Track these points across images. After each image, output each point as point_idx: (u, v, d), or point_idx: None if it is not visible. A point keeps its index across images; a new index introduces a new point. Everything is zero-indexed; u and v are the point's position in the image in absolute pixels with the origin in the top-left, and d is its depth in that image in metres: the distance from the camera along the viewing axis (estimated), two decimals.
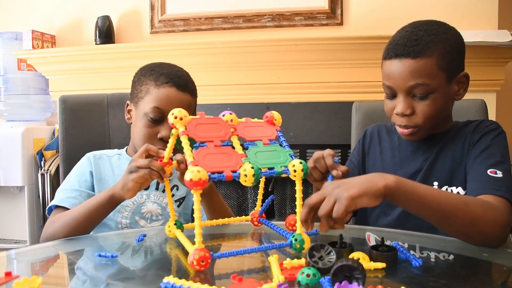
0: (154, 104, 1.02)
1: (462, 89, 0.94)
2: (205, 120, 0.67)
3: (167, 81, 1.03)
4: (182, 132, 0.63)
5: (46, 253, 0.79)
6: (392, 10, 2.02)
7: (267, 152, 0.67)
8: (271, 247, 0.66)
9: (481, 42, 1.77)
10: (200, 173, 0.56)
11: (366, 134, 1.10)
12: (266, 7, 2.14)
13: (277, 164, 0.65)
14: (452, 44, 0.90)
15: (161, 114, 1.01)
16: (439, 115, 0.91)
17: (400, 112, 0.90)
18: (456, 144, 0.95)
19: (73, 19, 2.33)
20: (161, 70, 1.06)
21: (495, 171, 0.83)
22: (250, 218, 0.86)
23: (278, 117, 0.74)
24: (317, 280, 0.52)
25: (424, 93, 0.88)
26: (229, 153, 0.63)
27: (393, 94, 0.92)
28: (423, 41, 0.88)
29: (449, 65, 0.89)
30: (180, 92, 1.04)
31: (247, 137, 0.69)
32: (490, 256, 0.72)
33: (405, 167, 0.99)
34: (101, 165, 1.08)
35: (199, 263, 0.57)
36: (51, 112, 2.41)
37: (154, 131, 1.02)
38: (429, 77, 0.87)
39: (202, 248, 0.59)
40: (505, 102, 2.09)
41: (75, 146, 1.26)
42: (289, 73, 2.02)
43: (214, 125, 0.67)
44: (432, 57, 0.87)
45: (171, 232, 0.77)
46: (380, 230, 0.80)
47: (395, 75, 0.90)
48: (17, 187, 2.16)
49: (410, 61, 0.87)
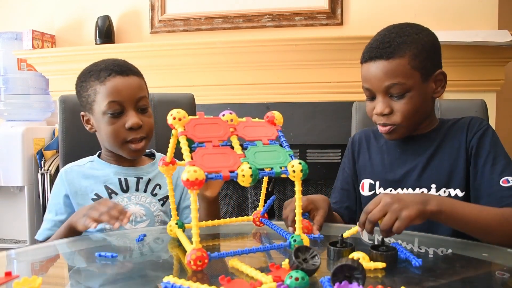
0: (108, 99, 1.00)
1: (440, 87, 0.97)
2: (204, 120, 0.67)
3: (109, 73, 1.01)
4: (180, 133, 0.63)
5: (46, 253, 0.79)
6: (392, 10, 2.02)
7: (266, 152, 0.66)
8: (269, 248, 0.66)
9: (481, 42, 1.77)
10: (196, 173, 0.56)
11: (354, 141, 1.12)
12: (266, 7, 2.14)
13: (276, 165, 0.64)
14: (424, 44, 0.93)
15: (119, 106, 1.00)
16: (418, 113, 0.94)
17: (379, 112, 0.94)
18: (451, 145, 0.96)
19: (73, 19, 2.33)
20: (98, 67, 1.04)
21: (507, 180, 0.87)
22: (252, 218, 0.85)
23: (279, 117, 0.74)
24: (306, 284, 0.51)
25: (400, 92, 0.91)
26: (228, 153, 0.63)
27: (372, 96, 0.96)
28: (395, 42, 0.91)
29: (422, 64, 0.91)
30: (126, 77, 1.02)
31: (247, 137, 0.68)
32: (490, 256, 0.72)
33: (395, 169, 1.00)
34: (74, 178, 1.05)
35: (196, 263, 0.57)
36: (51, 112, 2.41)
37: (119, 125, 1.01)
38: (404, 76, 0.90)
39: (199, 248, 0.58)
40: (505, 102, 2.09)
41: (75, 146, 1.26)
42: (289, 73, 2.02)
43: (213, 125, 0.67)
44: (404, 57, 0.90)
45: (172, 231, 0.77)
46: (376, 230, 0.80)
47: (371, 77, 0.93)
48: (17, 187, 2.16)
49: (383, 62, 0.91)
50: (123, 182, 1.06)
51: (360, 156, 1.08)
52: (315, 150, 2.01)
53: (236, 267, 0.60)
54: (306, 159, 2.01)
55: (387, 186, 1.00)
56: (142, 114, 1.04)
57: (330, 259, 0.65)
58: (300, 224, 0.67)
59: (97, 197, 1.03)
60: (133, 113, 1.01)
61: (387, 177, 1.01)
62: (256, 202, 2.11)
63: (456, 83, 1.92)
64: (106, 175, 1.06)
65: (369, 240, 0.79)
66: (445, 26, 1.96)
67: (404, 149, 1.01)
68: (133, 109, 1.02)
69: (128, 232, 0.92)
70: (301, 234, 0.67)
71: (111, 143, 1.03)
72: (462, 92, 1.93)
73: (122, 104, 1.00)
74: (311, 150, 2.02)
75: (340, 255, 0.64)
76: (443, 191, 0.94)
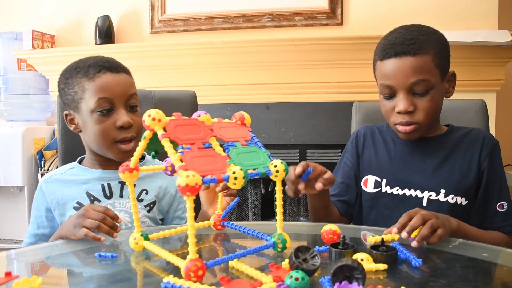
0: (98, 96, 0.95)
1: (451, 87, 0.99)
2: (183, 122, 0.63)
3: (98, 70, 0.96)
4: (163, 135, 0.59)
5: (46, 253, 0.79)
6: (392, 10, 2.02)
7: (247, 153, 0.65)
8: (257, 250, 0.64)
9: (481, 42, 1.77)
10: (195, 178, 0.51)
11: (358, 136, 1.10)
12: (266, 7, 2.14)
13: (260, 165, 0.63)
14: (442, 43, 0.95)
15: (110, 103, 0.96)
16: (437, 112, 0.96)
17: (403, 109, 0.92)
18: (464, 155, 0.98)
19: (73, 19, 2.33)
20: (86, 64, 0.99)
21: (502, 205, 0.93)
22: (213, 223, 0.83)
23: (248, 117, 0.72)
24: (306, 284, 0.51)
25: (424, 89, 0.91)
26: (214, 155, 0.60)
27: (391, 94, 0.94)
28: (419, 39, 0.91)
29: (443, 63, 0.94)
30: (116, 74, 0.98)
31: (226, 138, 0.66)
32: (490, 256, 0.72)
33: (403, 169, 1.00)
34: (54, 188, 1.00)
35: (196, 274, 0.53)
36: (51, 112, 2.41)
37: (110, 123, 0.96)
38: (429, 73, 0.91)
39: (196, 258, 0.54)
40: (505, 102, 2.09)
41: (74, 145, 1.23)
42: (289, 73, 2.02)
43: (193, 126, 0.63)
44: (429, 54, 0.91)
45: (138, 244, 0.70)
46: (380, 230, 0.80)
47: (396, 73, 0.91)
48: (17, 187, 2.16)
49: (410, 58, 0.90)
50: (106, 188, 1.00)
51: (365, 151, 1.07)
52: (315, 150, 2.01)
53: (236, 267, 0.60)
54: (306, 159, 2.01)
55: (394, 185, 1.00)
56: (132, 112, 0.99)
57: (332, 261, 0.65)
58: (281, 223, 0.67)
59: (79, 205, 0.97)
60: (123, 112, 0.97)
61: (394, 176, 1.00)
62: (256, 202, 2.11)
63: (456, 83, 1.92)
64: (88, 181, 1.01)
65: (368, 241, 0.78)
66: (445, 26, 1.96)
67: (413, 149, 1.01)
68: (123, 107, 0.97)
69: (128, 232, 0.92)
70: (283, 233, 0.67)
71: (99, 143, 0.98)
72: (462, 92, 1.92)
73: (112, 102, 0.96)
74: (311, 150, 2.02)
75: (342, 256, 0.64)
76: (451, 197, 0.95)
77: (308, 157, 2.01)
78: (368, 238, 0.75)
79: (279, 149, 2.01)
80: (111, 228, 0.79)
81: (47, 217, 1.01)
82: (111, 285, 0.60)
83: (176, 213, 1.09)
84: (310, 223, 1.00)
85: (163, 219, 1.09)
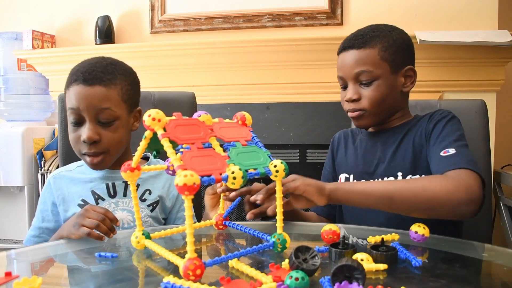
0: (68, 105, 0.96)
1: (409, 82, 1.03)
2: (183, 122, 0.63)
3: (74, 79, 0.96)
4: (162, 135, 0.59)
5: (46, 253, 0.79)
6: (392, 10, 2.02)
7: (247, 153, 0.65)
8: (256, 249, 0.64)
9: (481, 42, 1.77)
10: (193, 177, 0.51)
11: (333, 140, 1.18)
12: (266, 7, 2.14)
13: (259, 165, 0.63)
14: (395, 39, 1.00)
15: (77, 115, 0.95)
16: (385, 102, 1.00)
17: (349, 98, 1.01)
18: (414, 134, 1.00)
19: (73, 19, 2.33)
20: (75, 69, 0.99)
21: (447, 150, 0.89)
22: (215, 222, 0.83)
23: (249, 117, 0.73)
24: (306, 284, 0.51)
25: (368, 79, 0.98)
26: (213, 155, 0.61)
27: (345, 85, 1.04)
28: (367, 35, 1.00)
29: (392, 57, 0.99)
30: (88, 87, 0.94)
31: (226, 138, 0.66)
32: (490, 256, 0.72)
33: (367, 162, 1.04)
34: (62, 185, 1.03)
35: (194, 273, 0.53)
36: (51, 112, 2.41)
37: (77, 135, 0.97)
38: (372, 65, 0.98)
39: (195, 257, 0.54)
40: (505, 102, 2.09)
41: None
42: (289, 73, 2.02)
43: (193, 126, 0.64)
44: (374, 48, 0.99)
45: (140, 243, 0.71)
46: (380, 230, 0.80)
47: (343, 65, 1.02)
48: (17, 187, 2.16)
49: (355, 52, 1.00)
50: (111, 187, 1.02)
51: (338, 153, 1.14)
52: (315, 150, 2.01)
53: (236, 267, 0.60)
54: (306, 159, 2.01)
55: (359, 178, 1.04)
56: (104, 127, 0.96)
57: (332, 261, 0.65)
58: (281, 223, 0.67)
59: (83, 203, 1.00)
60: (89, 126, 0.94)
61: (359, 170, 1.05)
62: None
63: (456, 83, 1.92)
64: (93, 180, 1.03)
65: None
66: (445, 26, 1.96)
67: (374, 142, 1.06)
68: (91, 121, 0.95)
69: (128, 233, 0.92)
70: (283, 233, 0.67)
71: (74, 151, 1.00)
72: (462, 92, 1.93)
73: (80, 114, 0.95)
74: (311, 150, 2.02)
75: (342, 256, 0.64)
76: (409, 177, 0.97)
77: (308, 157, 2.01)
78: (368, 238, 0.75)
79: (279, 149, 2.01)
80: (109, 229, 0.80)
81: (53, 211, 1.03)
82: (111, 285, 0.60)
83: (179, 214, 1.10)
84: (310, 223, 1.00)
85: (166, 219, 1.10)
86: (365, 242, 0.75)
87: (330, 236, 0.71)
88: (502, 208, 1.75)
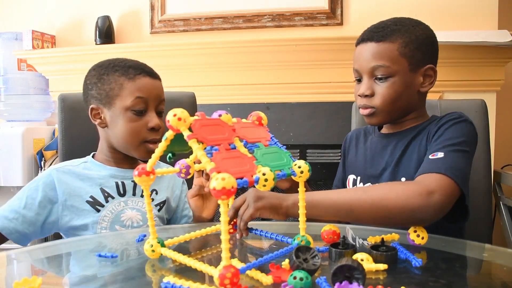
0: (136, 95, 1.00)
1: (428, 83, 0.97)
2: (207, 122, 0.60)
3: (139, 72, 1.02)
4: (190, 136, 0.55)
5: (46, 253, 0.79)
6: (392, 10, 2.02)
7: (271, 154, 0.63)
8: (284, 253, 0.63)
9: (481, 42, 1.77)
10: (231, 180, 0.48)
11: (346, 139, 1.15)
12: (266, 7, 2.14)
13: (284, 166, 0.61)
14: (418, 35, 0.95)
15: (145, 104, 1.01)
16: (399, 101, 0.95)
17: (361, 92, 0.97)
18: (422, 138, 0.96)
19: (73, 19, 2.33)
20: (125, 64, 1.04)
21: (435, 154, 0.85)
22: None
23: (265, 117, 0.71)
24: (309, 284, 0.51)
25: (384, 74, 0.93)
26: (241, 156, 0.58)
27: (359, 77, 0.99)
28: (388, 28, 0.95)
29: (412, 54, 0.93)
30: (154, 80, 1.05)
31: (249, 138, 0.64)
32: (490, 256, 0.72)
33: (375, 164, 1.01)
34: (67, 179, 1.00)
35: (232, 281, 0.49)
36: (51, 112, 2.41)
37: (142, 123, 1.00)
38: (390, 60, 0.93)
39: (230, 264, 0.50)
40: (505, 102, 2.09)
41: (75, 145, 1.24)
42: (289, 73, 2.02)
43: (217, 127, 0.61)
44: (394, 42, 0.93)
45: (155, 252, 0.65)
46: (380, 230, 0.80)
47: (360, 57, 0.97)
48: (17, 187, 2.16)
49: (373, 44, 0.95)
50: (120, 185, 1.04)
51: (349, 153, 1.11)
52: (315, 150, 2.01)
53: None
54: (306, 159, 2.01)
55: (366, 181, 1.01)
56: (159, 117, 1.04)
57: (332, 261, 0.65)
58: (304, 225, 0.66)
59: (92, 199, 1.00)
60: (154, 115, 1.02)
61: (367, 172, 1.02)
62: None
63: (456, 83, 1.92)
64: (102, 178, 1.03)
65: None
66: (445, 26, 1.96)
67: (385, 144, 1.02)
68: (154, 111, 1.03)
69: (128, 233, 0.92)
70: (306, 234, 0.66)
71: (128, 141, 1.01)
72: (462, 92, 1.93)
73: (147, 103, 1.01)
74: (311, 150, 2.02)
75: (342, 256, 0.64)
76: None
77: (308, 157, 2.01)
78: (368, 238, 0.75)
79: None
80: None
81: (41, 203, 0.98)
82: (111, 285, 0.60)
83: (184, 212, 1.13)
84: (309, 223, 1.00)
85: (170, 218, 1.12)
86: (365, 243, 0.75)
87: (331, 236, 0.71)
88: (502, 208, 1.75)
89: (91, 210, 0.99)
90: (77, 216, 0.99)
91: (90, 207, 0.99)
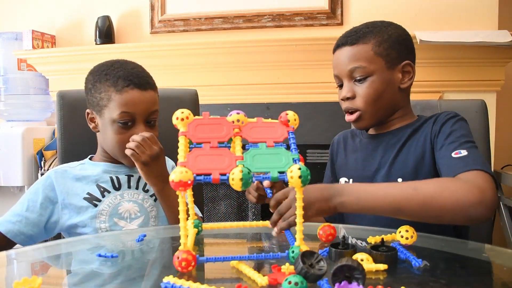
0: (121, 109, 0.99)
1: (407, 78, 0.98)
2: (207, 121, 0.64)
3: (127, 84, 1.00)
4: (181, 133, 0.61)
5: (46, 253, 0.79)
6: (392, 10, 2.02)
7: (267, 155, 0.62)
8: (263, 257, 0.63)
9: (481, 42, 1.77)
10: (187, 174, 0.54)
11: (333, 143, 1.15)
12: (266, 7, 2.14)
13: (274, 169, 0.60)
14: (390, 34, 0.97)
15: (131, 117, 1.01)
16: (381, 99, 0.96)
17: (343, 96, 0.98)
18: (418, 138, 0.96)
19: (73, 19, 2.33)
20: (117, 73, 1.02)
21: (459, 152, 0.85)
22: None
23: (292, 118, 0.69)
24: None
25: (362, 75, 0.95)
26: (224, 154, 0.60)
27: (340, 83, 1.01)
28: (361, 31, 0.98)
29: (387, 52, 0.96)
30: (143, 92, 1.02)
31: (250, 138, 0.65)
32: (490, 256, 0.72)
33: (367, 166, 1.01)
34: (65, 181, 1.03)
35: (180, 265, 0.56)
36: (51, 112, 2.41)
37: (128, 135, 1.00)
38: (365, 60, 0.95)
39: (186, 250, 0.57)
40: (505, 102, 2.09)
41: (74, 145, 1.23)
42: (289, 73, 2.02)
43: (216, 126, 0.64)
44: (368, 43, 0.96)
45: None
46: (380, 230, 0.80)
47: (338, 62, 1.00)
48: (17, 187, 2.16)
49: (348, 48, 0.98)
50: (115, 180, 1.06)
51: (338, 156, 1.11)
52: (315, 150, 2.01)
53: (237, 267, 0.60)
54: (306, 159, 2.01)
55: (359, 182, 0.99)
56: (150, 127, 1.04)
57: (332, 261, 0.64)
58: (301, 235, 0.62)
59: (89, 196, 1.02)
60: (142, 127, 1.02)
61: (359, 174, 1.02)
62: None
63: (456, 83, 1.92)
64: (97, 175, 1.06)
65: None
66: (445, 26, 1.96)
67: (375, 145, 1.02)
68: (142, 123, 1.02)
69: (128, 232, 0.92)
70: (301, 245, 0.63)
71: (115, 151, 1.04)
72: (462, 92, 1.93)
73: (134, 116, 1.01)
74: (311, 150, 2.02)
75: (342, 256, 0.64)
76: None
77: (308, 157, 2.01)
78: (368, 238, 0.75)
79: None
80: None
81: (42, 204, 1.01)
82: (111, 285, 0.60)
83: None
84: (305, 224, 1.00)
85: None
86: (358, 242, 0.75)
87: (329, 233, 0.72)
88: (502, 208, 1.75)
89: (89, 206, 1.01)
90: (76, 213, 1.01)
91: (87, 203, 1.01)
